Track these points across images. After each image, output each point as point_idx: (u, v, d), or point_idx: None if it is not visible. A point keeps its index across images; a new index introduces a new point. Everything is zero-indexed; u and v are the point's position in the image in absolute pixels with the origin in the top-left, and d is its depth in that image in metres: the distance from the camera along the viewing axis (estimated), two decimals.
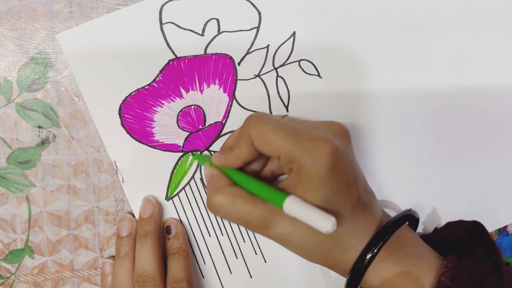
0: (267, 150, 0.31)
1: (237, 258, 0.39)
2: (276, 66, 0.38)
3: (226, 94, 0.38)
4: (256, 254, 0.39)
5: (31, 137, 0.38)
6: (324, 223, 0.26)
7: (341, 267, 0.32)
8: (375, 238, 0.31)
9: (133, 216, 0.39)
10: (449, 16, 0.38)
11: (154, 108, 0.38)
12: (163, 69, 0.37)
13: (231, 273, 0.39)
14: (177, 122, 0.38)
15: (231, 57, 0.38)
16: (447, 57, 0.38)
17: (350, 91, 0.38)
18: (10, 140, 0.38)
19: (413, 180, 0.40)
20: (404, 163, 0.39)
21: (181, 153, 0.39)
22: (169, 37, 0.37)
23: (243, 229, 0.39)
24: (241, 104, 0.38)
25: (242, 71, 0.38)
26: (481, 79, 0.38)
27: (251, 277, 0.40)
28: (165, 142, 0.38)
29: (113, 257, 0.39)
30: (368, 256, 0.31)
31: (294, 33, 0.38)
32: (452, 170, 0.40)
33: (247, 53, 0.38)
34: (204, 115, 0.38)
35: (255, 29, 0.37)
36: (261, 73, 0.38)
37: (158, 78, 0.37)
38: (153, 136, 0.38)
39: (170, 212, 0.39)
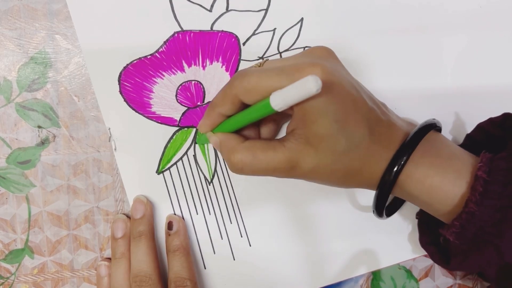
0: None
1: (222, 239, 0.39)
2: (280, 51, 0.38)
3: (228, 73, 0.38)
4: (241, 236, 0.39)
5: (31, 137, 0.38)
6: (311, 84, 0.25)
7: (374, 182, 0.31)
8: (404, 143, 0.30)
9: (127, 217, 0.38)
10: (457, 17, 0.38)
11: (154, 79, 0.37)
12: (167, 40, 0.37)
13: (214, 253, 0.39)
14: (176, 96, 0.38)
15: (236, 36, 0.37)
16: (451, 58, 0.38)
17: None
18: (10, 140, 0.38)
19: None
20: None
21: (177, 128, 0.38)
22: (177, 9, 0.37)
23: (231, 210, 0.39)
24: None
25: (246, 52, 0.38)
26: (484, 80, 0.38)
27: (234, 259, 0.39)
28: (162, 115, 0.38)
29: (108, 259, 0.39)
30: (399, 161, 0.30)
31: (302, 19, 0.38)
32: None
33: (253, 34, 0.38)
34: (204, 91, 0.38)
35: (264, 11, 0.37)
36: (265, 56, 0.38)
37: (161, 49, 0.37)
38: (150, 108, 0.38)
39: (159, 186, 0.38)
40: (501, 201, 0.29)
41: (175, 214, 0.39)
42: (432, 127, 0.32)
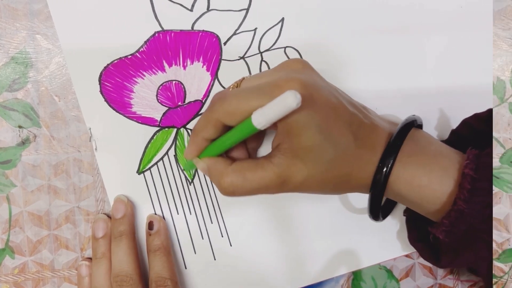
0: None
1: (202, 239, 0.39)
2: (261, 50, 0.38)
3: (209, 73, 0.38)
4: (222, 236, 0.39)
5: (11, 137, 0.38)
6: (290, 99, 0.25)
7: (365, 185, 0.32)
8: (390, 144, 0.31)
9: (108, 216, 0.38)
10: (437, 18, 0.38)
11: (135, 79, 0.37)
12: (148, 40, 0.37)
13: (195, 253, 0.39)
14: (157, 96, 0.38)
15: (217, 36, 0.37)
16: (433, 57, 0.38)
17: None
18: None
19: None
20: None
21: (157, 128, 0.38)
22: (158, 9, 0.37)
23: (211, 210, 0.39)
24: (223, 85, 0.38)
25: (227, 52, 0.38)
26: (465, 79, 0.39)
27: (215, 259, 0.39)
28: (142, 115, 0.38)
29: (89, 259, 0.39)
30: (387, 161, 0.30)
31: (283, 19, 0.38)
32: None
33: (234, 34, 0.38)
34: (185, 91, 0.38)
35: (244, 11, 0.37)
36: (245, 56, 0.38)
37: (142, 49, 0.37)
38: (131, 107, 0.38)
39: (140, 186, 0.38)
40: (489, 197, 0.29)
41: (155, 214, 0.39)
42: (413, 125, 0.32)
